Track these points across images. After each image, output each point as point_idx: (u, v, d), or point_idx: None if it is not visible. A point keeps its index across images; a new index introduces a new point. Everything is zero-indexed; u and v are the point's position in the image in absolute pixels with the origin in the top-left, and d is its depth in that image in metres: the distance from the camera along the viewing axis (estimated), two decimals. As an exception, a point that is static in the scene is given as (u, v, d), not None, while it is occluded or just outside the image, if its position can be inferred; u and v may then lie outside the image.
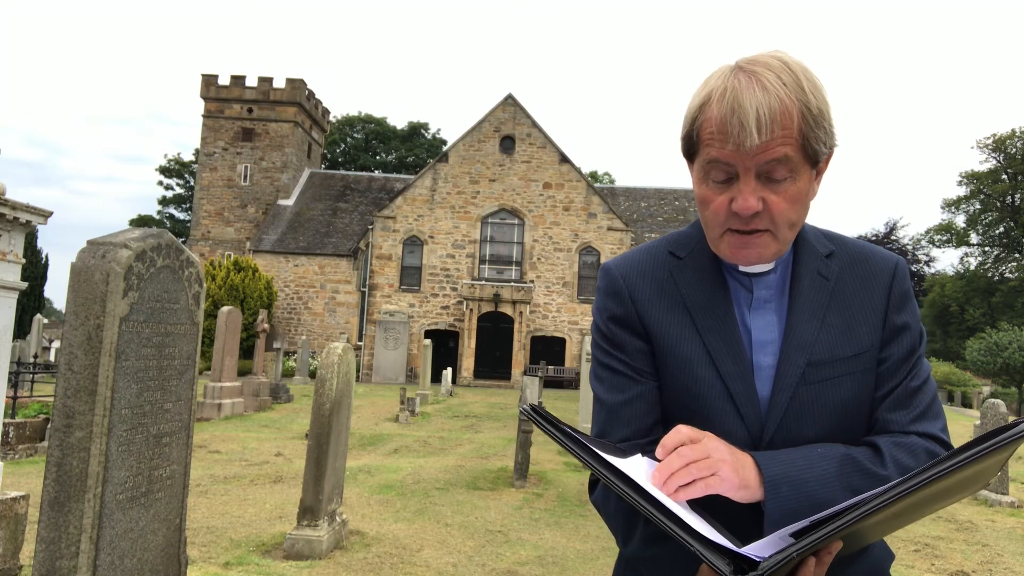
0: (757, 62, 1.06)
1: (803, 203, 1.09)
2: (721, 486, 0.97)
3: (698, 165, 1.11)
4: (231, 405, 13.23)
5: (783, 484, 1.00)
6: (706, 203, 1.10)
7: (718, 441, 1.01)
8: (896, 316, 1.17)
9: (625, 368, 1.19)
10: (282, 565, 4.62)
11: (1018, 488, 9.09)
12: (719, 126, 1.04)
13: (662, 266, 1.22)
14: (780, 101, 1.02)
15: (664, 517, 0.90)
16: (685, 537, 0.88)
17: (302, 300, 33.79)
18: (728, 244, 1.11)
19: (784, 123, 1.02)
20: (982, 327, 40.99)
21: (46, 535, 2.39)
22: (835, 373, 1.13)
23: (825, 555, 0.90)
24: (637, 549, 1.12)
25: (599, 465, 0.96)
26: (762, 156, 1.03)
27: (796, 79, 1.04)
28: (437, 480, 7.83)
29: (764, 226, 1.07)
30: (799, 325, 1.14)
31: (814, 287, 1.17)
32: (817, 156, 1.07)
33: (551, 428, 0.98)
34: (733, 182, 1.07)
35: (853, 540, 0.93)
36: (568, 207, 30.90)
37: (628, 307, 1.20)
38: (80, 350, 2.41)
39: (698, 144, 1.10)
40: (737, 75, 1.05)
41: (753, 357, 1.15)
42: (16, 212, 4.27)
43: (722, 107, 1.04)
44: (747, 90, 1.02)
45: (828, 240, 1.22)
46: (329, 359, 5.04)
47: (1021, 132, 45.01)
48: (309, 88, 39.24)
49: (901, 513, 0.90)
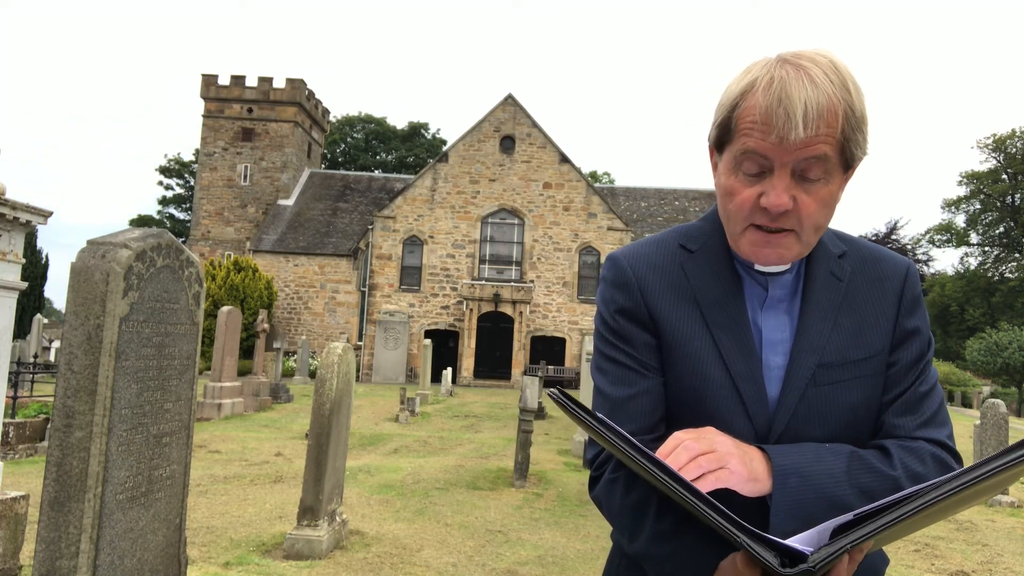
0: (804, 56, 1.03)
1: (831, 207, 1.06)
2: (731, 479, 0.94)
3: (729, 154, 1.06)
4: (231, 405, 13.23)
5: (792, 475, 0.97)
6: (732, 195, 1.06)
7: (722, 435, 0.99)
8: (907, 321, 1.15)
9: (631, 362, 1.15)
10: (282, 565, 4.62)
11: (1018, 488, 9.09)
12: (763, 116, 1.00)
13: (672, 259, 1.18)
14: (828, 98, 0.98)
15: (707, 507, 0.87)
16: (729, 527, 0.84)
17: (302, 300, 33.79)
18: (749, 241, 1.07)
19: (830, 121, 0.99)
20: (982, 327, 41.03)
21: (46, 535, 2.39)
22: (845, 376, 1.11)
23: (857, 553, 0.88)
24: (646, 546, 1.08)
25: (634, 451, 0.92)
26: (802, 152, 0.99)
27: (843, 79, 1.01)
28: (437, 480, 7.83)
29: (790, 226, 1.04)
30: (811, 326, 1.12)
31: (827, 287, 1.14)
32: (853, 160, 1.04)
33: (579, 411, 0.95)
34: (765, 176, 1.03)
35: (877, 543, 0.91)
36: (568, 207, 30.90)
37: (637, 299, 1.16)
38: (80, 350, 2.41)
39: (734, 133, 1.05)
40: (784, 66, 1.01)
41: (763, 356, 1.12)
42: (16, 212, 4.27)
43: (768, 96, 0.99)
44: (796, 82, 0.99)
45: (840, 240, 1.20)
46: (329, 359, 5.04)
47: (1021, 132, 45.03)
48: (309, 88, 39.23)
49: (925, 518, 0.89)
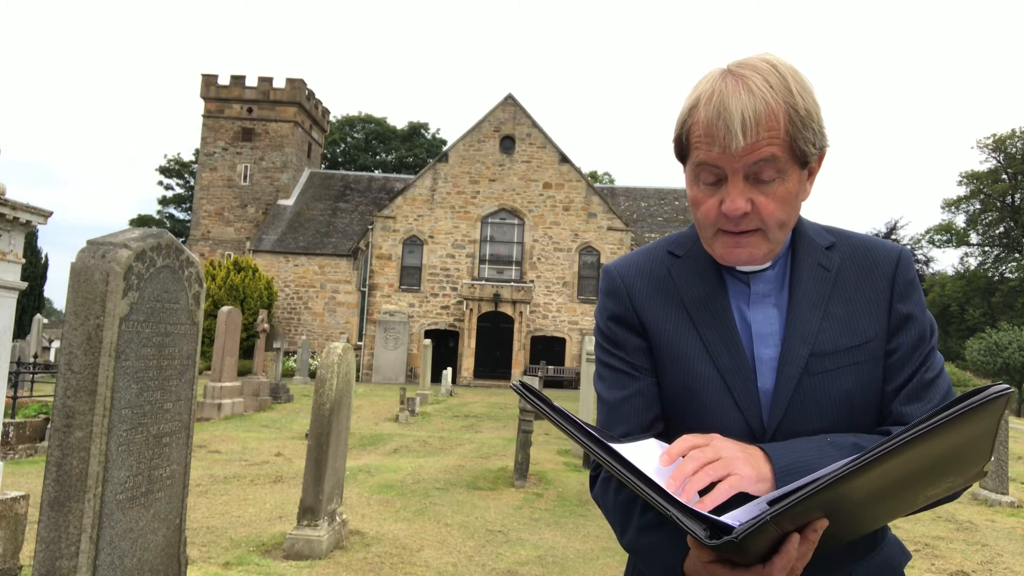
0: (746, 65, 1.08)
1: (792, 203, 1.10)
2: (742, 483, 0.95)
3: (689, 168, 1.13)
4: (231, 405, 13.23)
5: (794, 473, 0.97)
6: (697, 205, 1.12)
7: (726, 440, 1.00)
8: (901, 305, 1.16)
9: (624, 366, 1.20)
10: (282, 565, 4.62)
11: (1018, 488, 9.08)
12: (706, 129, 1.06)
13: (660, 264, 1.24)
14: (766, 104, 1.03)
15: (644, 485, 0.90)
16: (662, 503, 0.88)
17: (302, 300, 33.78)
18: (721, 244, 1.12)
19: (770, 125, 1.03)
20: (982, 327, 41.00)
21: (46, 535, 2.39)
22: (839, 363, 1.12)
23: (810, 532, 0.88)
24: (633, 539, 1.13)
25: (584, 437, 0.96)
26: (748, 157, 1.04)
27: (784, 81, 1.05)
28: (437, 480, 7.83)
29: (754, 226, 1.08)
30: (801, 316, 1.14)
31: (815, 278, 1.17)
32: (806, 157, 1.08)
33: (538, 402, 0.99)
34: (722, 184, 1.08)
35: (841, 520, 0.90)
36: (568, 207, 30.89)
37: (626, 305, 1.22)
38: (80, 350, 2.41)
39: (688, 147, 1.11)
40: (725, 78, 1.07)
41: (754, 350, 1.15)
42: (16, 212, 4.27)
43: (709, 111, 1.05)
44: (733, 93, 1.04)
45: (829, 233, 1.22)
46: (329, 359, 5.04)
47: (1021, 132, 44.97)
48: (309, 88, 39.23)
49: (886, 491, 0.88)
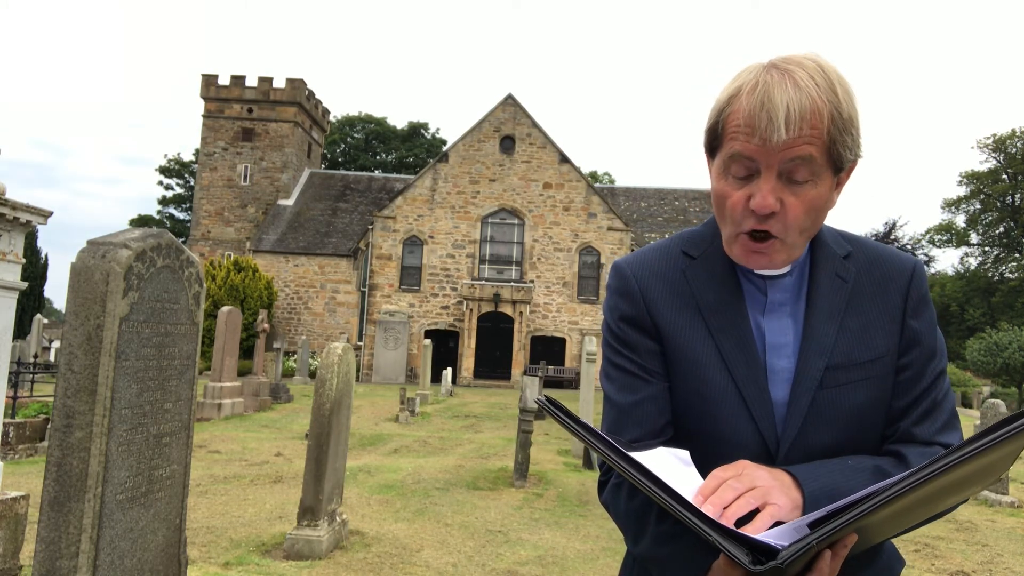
0: (791, 61, 1.04)
1: (820, 210, 1.07)
2: (780, 513, 0.94)
3: (719, 159, 1.09)
4: (231, 405, 13.23)
5: (823, 499, 0.96)
6: (723, 198, 1.08)
7: (756, 467, 0.99)
8: (914, 322, 1.15)
9: (636, 368, 1.17)
10: (282, 565, 4.62)
11: (1018, 488, 9.09)
12: (747, 119, 1.02)
13: (675, 266, 1.20)
14: (811, 100, 1.00)
15: (681, 507, 0.88)
16: (702, 526, 0.86)
17: (302, 300, 33.78)
18: (740, 247, 1.09)
19: (813, 122, 1.00)
20: (982, 327, 40.97)
21: (46, 535, 2.39)
22: (852, 378, 1.10)
23: (840, 548, 0.88)
24: (648, 548, 1.10)
25: (614, 454, 0.94)
26: (786, 153, 1.01)
27: (829, 82, 1.02)
28: (437, 480, 7.82)
29: (776, 231, 1.05)
30: (818, 328, 1.12)
31: (832, 289, 1.14)
32: (842, 162, 1.04)
33: (566, 419, 0.97)
34: (753, 179, 1.04)
35: (866, 535, 0.91)
36: (568, 207, 30.89)
37: (640, 307, 1.18)
38: (80, 350, 2.41)
39: (722, 137, 1.07)
40: (770, 71, 1.03)
41: (767, 360, 1.12)
42: (16, 212, 4.26)
43: (752, 100, 1.02)
44: (779, 86, 1.01)
45: (846, 241, 1.20)
46: (329, 359, 5.04)
47: (1021, 132, 44.96)
48: (309, 88, 39.22)
49: (912, 508, 0.89)
